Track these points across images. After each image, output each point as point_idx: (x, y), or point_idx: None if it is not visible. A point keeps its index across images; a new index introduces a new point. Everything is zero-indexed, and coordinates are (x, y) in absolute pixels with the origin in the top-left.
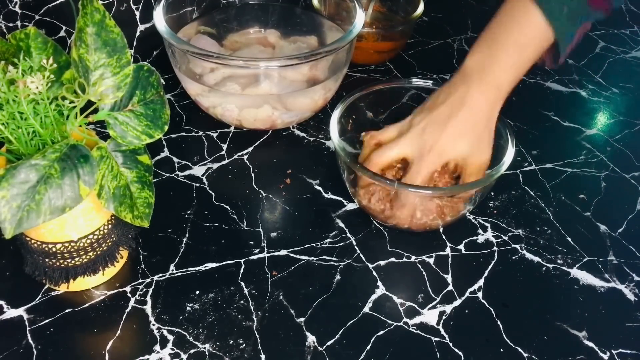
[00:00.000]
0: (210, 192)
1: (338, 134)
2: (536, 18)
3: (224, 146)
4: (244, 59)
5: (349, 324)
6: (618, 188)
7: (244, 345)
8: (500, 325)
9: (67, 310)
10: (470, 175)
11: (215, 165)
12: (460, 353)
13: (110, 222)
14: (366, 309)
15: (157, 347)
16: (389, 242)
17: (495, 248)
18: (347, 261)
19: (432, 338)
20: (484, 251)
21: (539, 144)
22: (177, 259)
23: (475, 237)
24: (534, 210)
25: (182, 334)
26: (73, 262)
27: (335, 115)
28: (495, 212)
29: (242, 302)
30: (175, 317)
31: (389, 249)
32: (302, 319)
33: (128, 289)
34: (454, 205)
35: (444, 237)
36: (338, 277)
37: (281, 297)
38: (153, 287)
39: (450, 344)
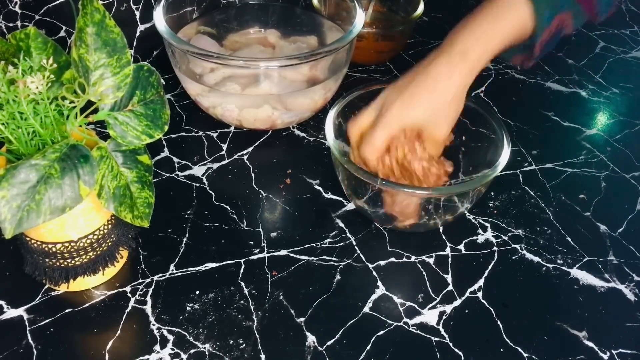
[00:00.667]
0: (210, 192)
1: (334, 134)
2: None
3: (224, 146)
4: (244, 59)
5: (349, 324)
6: (618, 188)
7: (244, 345)
8: (500, 325)
9: (67, 310)
10: (428, 147)
11: (215, 165)
12: (460, 353)
13: (110, 222)
14: (366, 309)
15: (157, 347)
16: (389, 242)
17: (495, 248)
18: (347, 261)
19: (432, 338)
20: (484, 251)
21: (539, 144)
22: (177, 259)
23: (475, 237)
24: (534, 210)
25: (182, 334)
26: (73, 262)
27: (332, 115)
28: (495, 212)
29: (242, 302)
30: (175, 317)
31: (389, 249)
32: (302, 319)
33: (128, 289)
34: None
35: (443, 237)
36: (338, 277)
37: (281, 297)
38: (153, 287)
39: (451, 344)
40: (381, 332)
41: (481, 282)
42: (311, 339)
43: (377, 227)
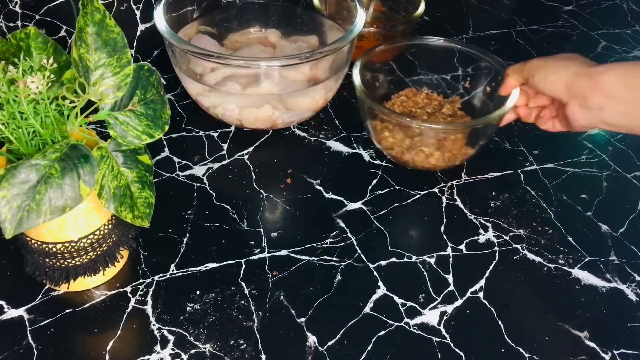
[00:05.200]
0: (211, 192)
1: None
2: None
3: (225, 146)
4: (244, 59)
5: (349, 324)
6: (619, 188)
7: (245, 345)
8: (502, 326)
9: (67, 311)
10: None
11: (216, 165)
12: (461, 353)
13: (110, 222)
14: (367, 309)
15: (157, 348)
16: (390, 242)
17: (496, 248)
18: (348, 261)
19: (433, 338)
20: (485, 251)
21: (540, 144)
22: (177, 259)
23: (476, 237)
24: (535, 210)
25: (183, 334)
26: (73, 262)
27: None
28: (496, 212)
29: (242, 302)
30: (176, 317)
31: (390, 248)
32: (303, 319)
33: (128, 289)
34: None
35: (444, 237)
36: (339, 277)
37: (282, 297)
38: (153, 287)
39: (452, 344)
40: (382, 333)
41: (482, 282)
42: (312, 339)
43: (378, 227)
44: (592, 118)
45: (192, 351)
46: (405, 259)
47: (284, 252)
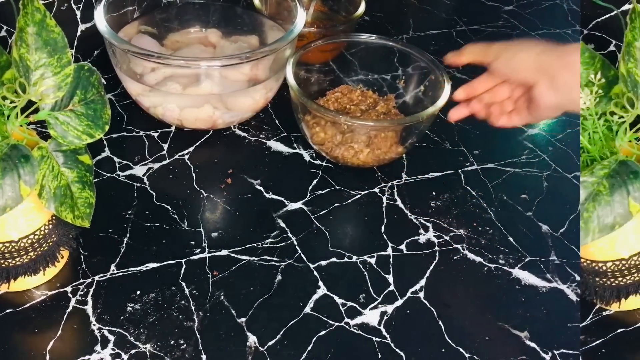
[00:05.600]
0: (151, 192)
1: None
2: None
3: (165, 146)
4: (184, 59)
5: (290, 324)
6: (560, 188)
7: (185, 345)
8: (442, 326)
9: (7, 311)
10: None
11: (156, 165)
12: (401, 353)
13: (51, 222)
14: (307, 309)
15: (98, 347)
16: (330, 242)
17: (436, 248)
18: (288, 261)
19: (374, 338)
20: (426, 251)
21: (480, 144)
22: (117, 259)
23: (416, 237)
24: (476, 210)
25: (123, 334)
26: (13, 262)
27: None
28: (436, 212)
29: (183, 302)
30: (116, 317)
31: (330, 248)
32: (243, 319)
33: (69, 289)
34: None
35: (385, 237)
36: (279, 277)
37: (222, 297)
38: (94, 287)
39: (392, 344)
40: (322, 333)
41: (423, 282)
42: (252, 339)
43: (319, 227)
44: (561, 98)
45: (133, 351)
46: (346, 259)
47: (224, 252)
